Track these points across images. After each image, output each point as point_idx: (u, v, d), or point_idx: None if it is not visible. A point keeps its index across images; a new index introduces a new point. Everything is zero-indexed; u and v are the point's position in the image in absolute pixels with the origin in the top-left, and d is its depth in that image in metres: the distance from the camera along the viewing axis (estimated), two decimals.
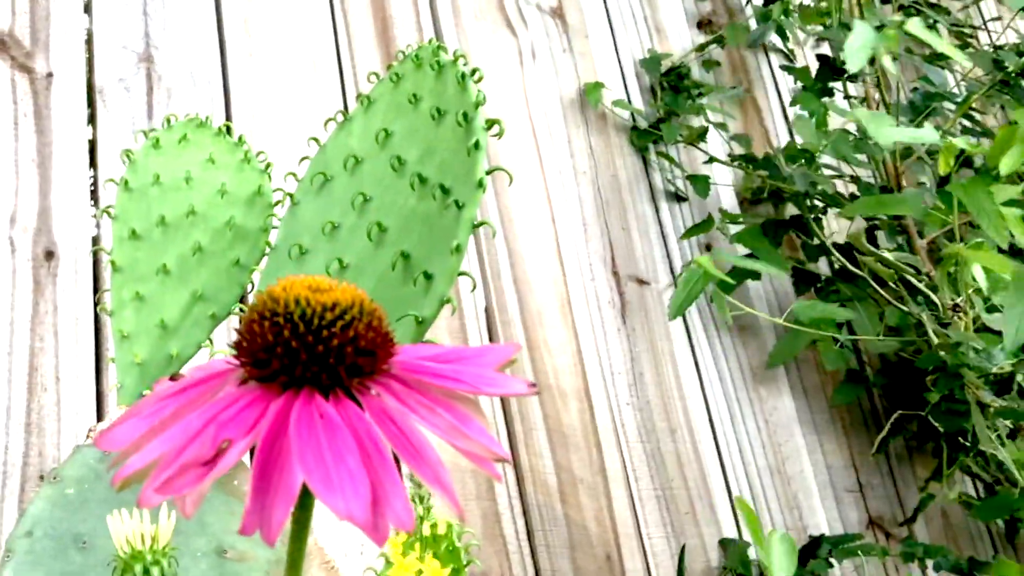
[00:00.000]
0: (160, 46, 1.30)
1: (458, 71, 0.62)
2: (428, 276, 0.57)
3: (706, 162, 1.52)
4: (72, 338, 1.06)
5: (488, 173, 0.57)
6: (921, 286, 1.22)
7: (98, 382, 1.05)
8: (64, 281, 1.09)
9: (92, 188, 1.17)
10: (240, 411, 0.25)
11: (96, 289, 1.10)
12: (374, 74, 0.70)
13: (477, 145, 0.57)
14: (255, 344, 0.28)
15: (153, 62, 1.29)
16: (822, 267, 1.49)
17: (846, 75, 1.43)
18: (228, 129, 0.79)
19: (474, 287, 0.56)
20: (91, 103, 1.22)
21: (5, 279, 1.06)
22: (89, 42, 1.25)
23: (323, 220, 0.66)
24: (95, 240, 1.13)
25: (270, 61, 1.33)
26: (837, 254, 1.39)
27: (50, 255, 1.10)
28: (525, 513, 1.14)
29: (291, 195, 0.70)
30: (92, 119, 1.21)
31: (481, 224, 0.57)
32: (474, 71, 0.62)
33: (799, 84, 1.55)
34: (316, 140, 0.71)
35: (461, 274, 0.57)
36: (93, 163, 1.18)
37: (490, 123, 0.58)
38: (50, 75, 1.21)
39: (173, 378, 0.29)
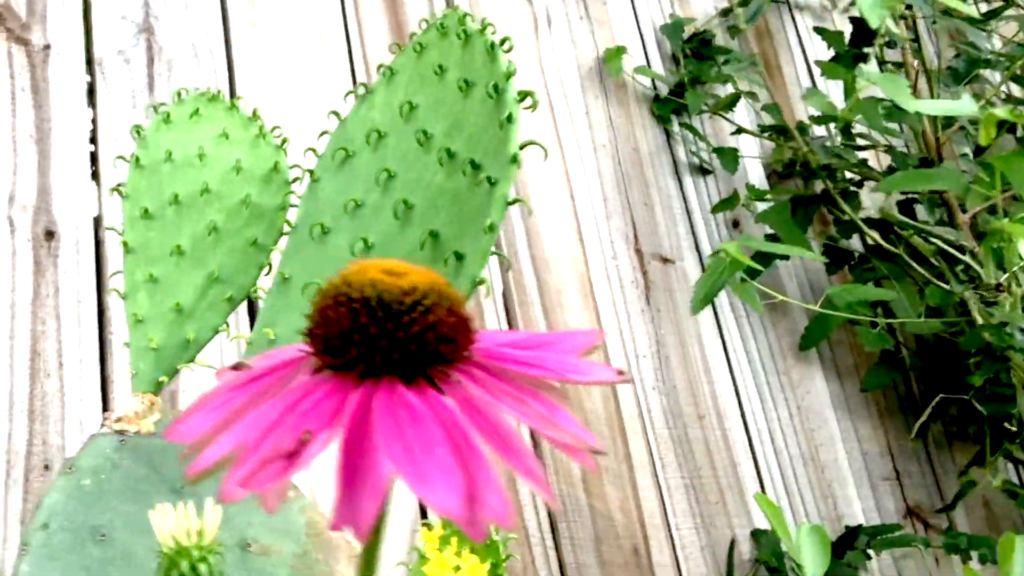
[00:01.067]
0: (160, 16, 1.30)
1: (487, 40, 0.61)
2: (459, 256, 0.57)
3: (734, 133, 1.52)
4: (75, 321, 1.07)
5: (522, 148, 0.57)
6: (966, 259, 1.21)
7: (102, 367, 1.06)
8: (65, 262, 1.09)
9: (92, 165, 1.17)
10: (318, 401, 0.25)
11: (99, 270, 1.10)
12: (396, 44, 0.70)
13: (510, 118, 0.57)
14: (330, 331, 0.27)
15: (153, 33, 1.29)
16: (856, 243, 1.49)
17: (885, 40, 1.42)
18: (241, 103, 0.79)
19: (509, 266, 0.56)
20: (90, 76, 1.22)
21: (4, 260, 1.06)
22: (87, 12, 1.25)
23: (345, 198, 0.66)
24: (97, 219, 1.13)
25: (274, 31, 1.33)
26: (870, 231, 1.39)
27: (50, 235, 1.10)
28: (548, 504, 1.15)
29: (311, 172, 0.70)
30: (91, 93, 1.22)
31: (515, 201, 0.57)
32: (503, 40, 0.62)
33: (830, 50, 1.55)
34: (336, 114, 0.71)
35: (492, 254, 0.57)
36: (93, 138, 1.19)
37: (523, 95, 0.58)
38: (47, 47, 1.21)
39: (236, 367, 0.29)
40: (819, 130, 1.55)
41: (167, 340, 0.69)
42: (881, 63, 1.50)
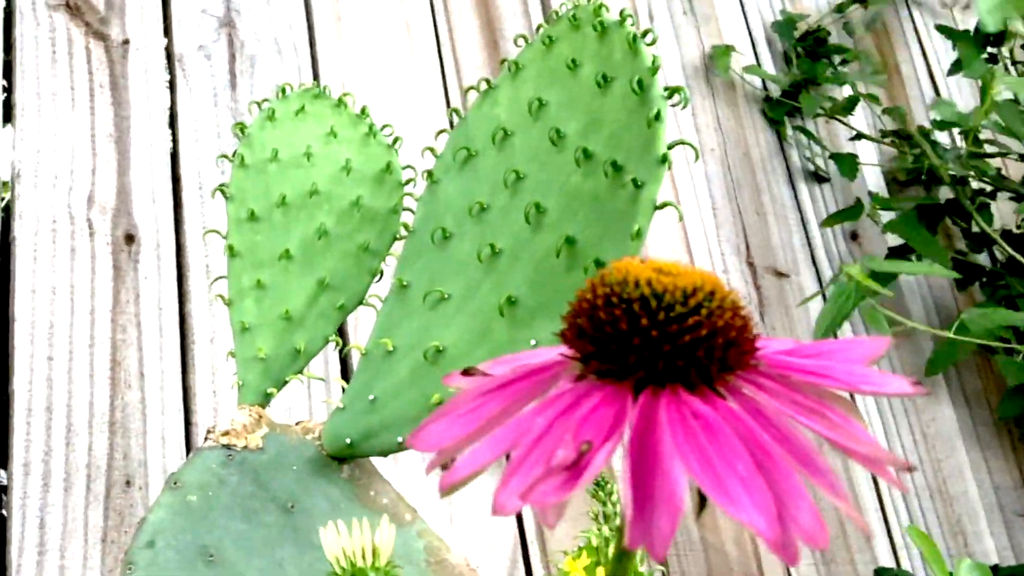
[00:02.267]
0: (241, 10, 1.31)
1: (628, 33, 0.61)
2: (600, 264, 0.57)
3: (852, 138, 1.50)
4: (156, 330, 1.08)
5: (670, 147, 0.56)
6: None
7: (184, 379, 1.07)
8: (146, 267, 1.11)
9: (173, 165, 1.19)
10: (593, 410, 0.25)
11: (180, 276, 1.12)
12: (522, 37, 0.70)
13: (658, 116, 0.57)
14: (603, 334, 0.27)
15: (235, 27, 1.30)
16: (985, 258, 1.46)
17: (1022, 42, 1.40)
18: (349, 100, 0.79)
19: None
20: (170, 72, 1.24)
21: (84, 265, 1.08)
22: (166, 6, 1.27)
23: (469, 200, 0.66)
24: (178, 222, 1.15)
25: (360, 24, 1.34)
26: (1003, 245, 1.36)
27: (130, 239, 1.12)
28: None
29: (429, 173, 0.71)
30: (171, 90, 1.23)
31: (664, 205, 0.56)
32: (645, 32, 0.61)
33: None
34: (457, 112, 0.71)
35: None
36: (174, 137, 1.20)
37: (670, 91, 0.58)
38: (126, 42, 1.23)
39: (467, 373, 0.29)
40: (942, 135, 1.53)
41: (276, 349, 0.69)
42: (1013, 63, 1.48)
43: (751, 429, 0.24)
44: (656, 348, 0.26)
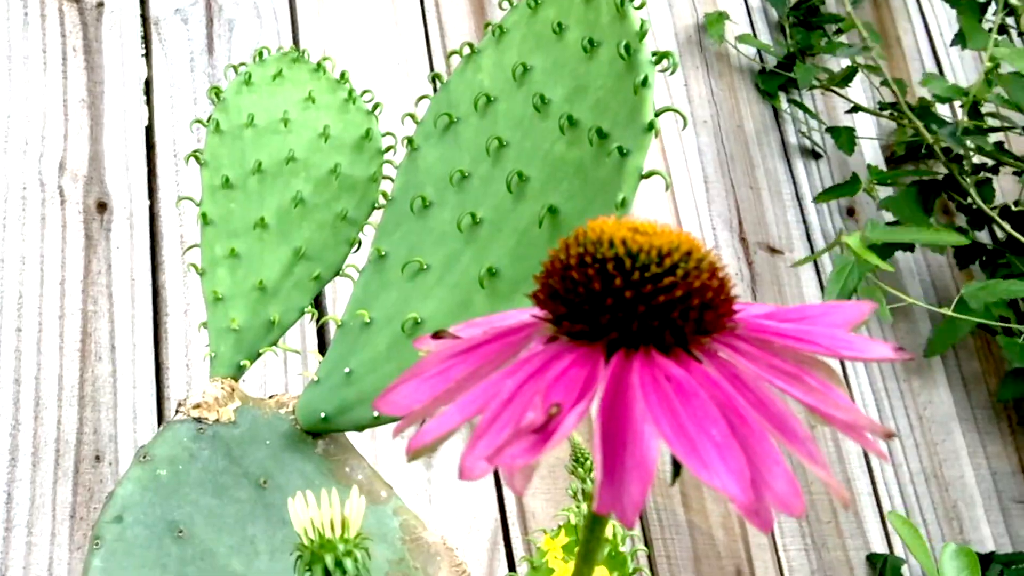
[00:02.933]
0: None
1: None
2: None
3: (849, 111, 1.50)
4: (128, 301, 1.08)
5: (657, 115, 0.56)
6: None
7: (157, 352, 1.07)
8: (118, 236, 1.10)
9: (147, 132, 1.18)
10: (563, 372, 0.25)
11: (153, 246, 1.11)
12: (507, 0, 0.69)
13: (645, 82, 0.56)
14: (576, 294, 0.27)
15: None
16: (986, 235, 1.46)
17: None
18: (328, 65, 0.79)
19: None
20: (146, 36, 1.24)
21: (55, 234, 1.08)
22: None
23: (450, 168, 0.66)
24: (151, 191, 1.14)
25: None
26: (1003, 223, 1.36)
27: (103, 207, 1.11)
28: (642, 519, 1.14)
29: (409, 140, 0.70)
30: (147, 54, 1.23)
31: (651, 174, 0.56)
32: None
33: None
34: (439, 77, 0.71)
35: None
36: (149, 103, 1.20)
37: (658, 56, 0.58)
38: (101, 5, 1.22)
39: (437, 336, 0.29)
40: (943, 108, 1.53)
41: (249, 320, 0.69)
42: (1020, 34, 1.48)
43: (726, 393, 0.24)
44: (630, 309, 0.26)
